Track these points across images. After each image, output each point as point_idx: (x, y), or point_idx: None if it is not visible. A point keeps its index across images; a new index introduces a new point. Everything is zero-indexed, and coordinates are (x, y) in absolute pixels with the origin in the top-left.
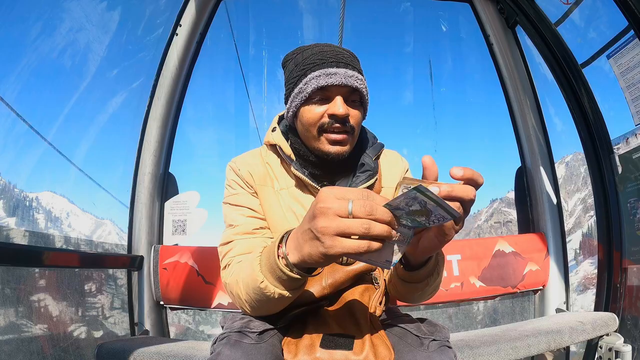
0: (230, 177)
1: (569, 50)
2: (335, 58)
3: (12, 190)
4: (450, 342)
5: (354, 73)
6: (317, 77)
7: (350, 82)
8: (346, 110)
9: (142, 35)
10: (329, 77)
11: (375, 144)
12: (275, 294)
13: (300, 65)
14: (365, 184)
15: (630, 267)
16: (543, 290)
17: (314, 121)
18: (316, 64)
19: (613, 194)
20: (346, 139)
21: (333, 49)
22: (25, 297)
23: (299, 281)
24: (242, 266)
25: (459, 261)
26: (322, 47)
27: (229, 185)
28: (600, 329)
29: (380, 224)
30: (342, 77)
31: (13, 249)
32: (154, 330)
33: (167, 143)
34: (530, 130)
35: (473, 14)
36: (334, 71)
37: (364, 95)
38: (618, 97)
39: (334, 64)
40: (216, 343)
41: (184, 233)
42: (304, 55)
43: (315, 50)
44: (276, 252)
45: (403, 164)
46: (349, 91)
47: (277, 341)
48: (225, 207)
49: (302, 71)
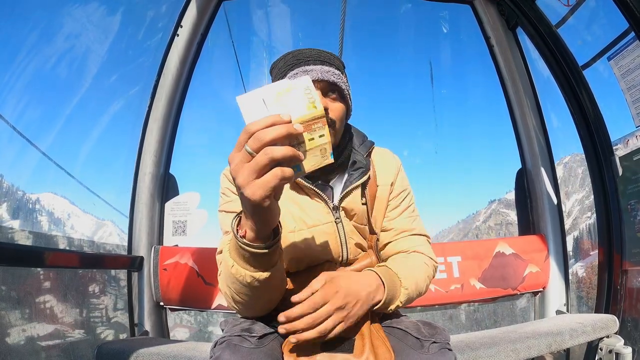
0: (224, 185)
1: (570, 51)
2: (313, 57)
3: (15, 192)
4: (451, 344)
5: (330, 69)
6: (295, 75)
7: (327, 76)
8: (324, 103)
9: (143, 37)
10: (305, 73)
11: (366, 142)
12: (246, 277)
13: (282, 69)
14: (359, 180)
15: (631, 269)
16: (543, 292)
17: None
18: (294, 64)
19: (613, 195)
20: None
21: (312, 50)
22: (24, 297)
23: (263, 257)
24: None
25: (459, 263)
26: (302, 50)
27: (224, 193)
28: (601, 331)
29: (279, 148)
30: (318, 73)
31: (13, 249)
32: (153, 331)
33: (168, 144)
34: (530, 131)
35: (474, 16)
36: (310, 68)
37: (342, 90)
38: (618, 98)
39: (311, 62)
40: (216, 347)
41: (184, 234)
42: (285, 59)
43: (295, 53)
44: (236, 232)
45: (395, 160)
46: (326, 86)
47: (277, 345)
48: (221, 215)
49: (283, 73)
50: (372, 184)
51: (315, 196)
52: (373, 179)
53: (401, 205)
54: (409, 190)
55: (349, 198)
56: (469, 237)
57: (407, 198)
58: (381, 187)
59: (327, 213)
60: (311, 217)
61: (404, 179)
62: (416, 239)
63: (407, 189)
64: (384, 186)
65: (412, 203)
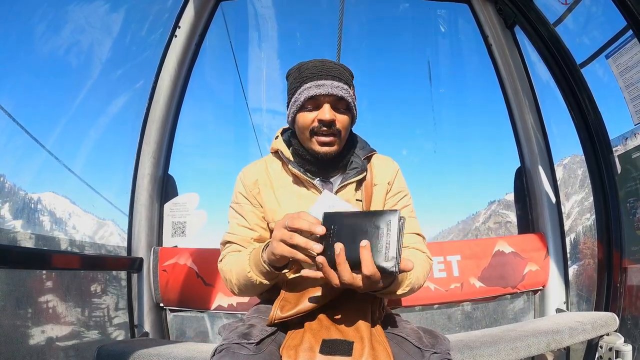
0: (237, 190)
1: (568, 50)
2: (325, 72)
3: (17, 192)
4: (450, 342)
5: (339, 84)
6: (309, 88)
7: (336, 91)
8: (332, 116)
9: (142, 37)
10: (318, 87)
11: (366, 147)
12: (257, 281)
13: (297, 79)
14: (355, 178)
15: (630, 266)
16: (543, 290)
17: (307, 125)
18: (309, 77)
19: (613, 193)
20: (333, 140)
21: (325, 64)
22: (25, 299)
23: (273, 274)
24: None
25: (459, 262)
26: (316, 63)
27: (236, 195)
28: (601, 329)
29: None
30: (329, 88)
31: (15, 252)
32: (153, 332)
33: (167, 145)
34: (529, 130)
35: (472, 15)
36: (322, 83)
37: (349, 102)
38: (617, 96)
39: (323, 77)
40: (215, 355)
41: (184, 235)
42: (300, 70)
43: (309, 66)
44: (261, 254)
45: (394, 164)
46: (336, 99)
47: (275, 349)
48: (230, 210)
49: (298, 83)
50: (369, 184)
51: (313, 188)
52: (370, 179)
53: (398, 205)
54: (406, 192)
55: (343, 192)
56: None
57: (405, 199)
58: (378, 186)
59: None
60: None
61: (402, 181)
62: (414, 237)
63: (405, 190)
64: (381, 185)
65: (410, 204)
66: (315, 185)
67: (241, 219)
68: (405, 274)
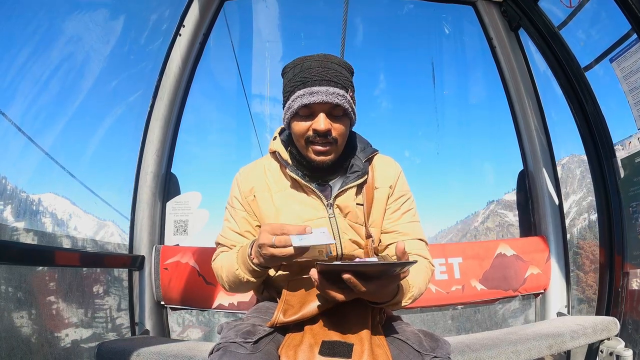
0: (233, 193)
1: (572, 53)
2: (320, 76)
3: (19, 194)
4: (451, 344)
5: (335, 89)
6: (302, 96)
7: (331, 99)
8: (327, 125)
9: (146, 37)
10: (311, 95)
11: (367, 149)
12: (244, 279)
13: (291, 82)
14: (355, 182)
15: (632, 271)
16: (544, 293)
17: (301, 134)
18: (302, 82)
19: (615, 197)
20: (329, 150)
21: (322, 64)
22: (26, 296)
23: (259, 272)
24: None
25: (460, 264)
26: (311, 64)
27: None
28: (601, 333)
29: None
30: (323, 95)
31: (17, 248)
32: (154, 330)
33: (170, 143)
34: (532, 132)
35: (476, 17)
36: (316, 89)
37: (346, 108)
38: (620, 100)
39: (317, 82)
40: (213, 353)
41: (186, 233)
42: (294, 71)
43: (304, 67)
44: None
45: (396, 166)
46: (331, 107)
47: (273, 349)
48: (225, 210)
49: (292, 88)
50: (370, 187)
51: (312, 194)
52: (371, 182)
53: (401, 209)
54: (409, 195)
55: (343, 197)
56: (468, 237)
57: (408, 202)
58: (379, 190)
59: (322, 209)
60: (307, 212)
61: (404, 184)
62: (416, 243)
63: (407, 194)
64: (383, 188)
65: (413, 207)
66: (315, 191)
67: (233, 224)
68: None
